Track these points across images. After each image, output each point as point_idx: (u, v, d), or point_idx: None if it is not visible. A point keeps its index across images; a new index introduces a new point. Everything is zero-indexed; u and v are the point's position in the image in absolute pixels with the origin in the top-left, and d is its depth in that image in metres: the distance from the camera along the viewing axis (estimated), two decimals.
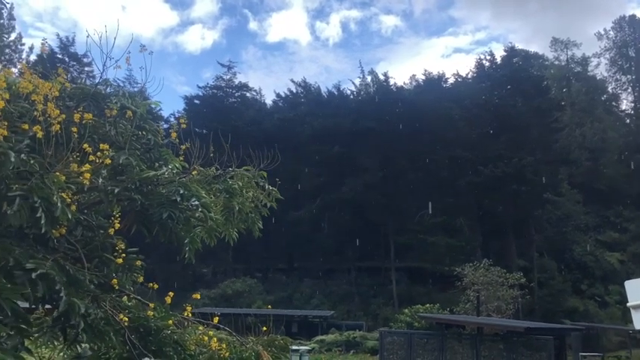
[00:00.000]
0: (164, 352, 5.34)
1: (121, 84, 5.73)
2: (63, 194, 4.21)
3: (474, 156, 54.76)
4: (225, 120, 58.65)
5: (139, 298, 5.75)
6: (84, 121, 4.39)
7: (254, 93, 76.32)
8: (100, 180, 4.64)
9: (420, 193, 56.51)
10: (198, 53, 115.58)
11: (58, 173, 4.27)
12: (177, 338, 5.50)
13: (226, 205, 5.96)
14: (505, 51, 61.97)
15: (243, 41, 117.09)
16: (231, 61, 73.66)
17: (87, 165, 4.16)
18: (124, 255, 4.74)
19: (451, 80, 64.73)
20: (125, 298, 5.65)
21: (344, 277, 59.75)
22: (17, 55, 56.81)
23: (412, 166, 57.04)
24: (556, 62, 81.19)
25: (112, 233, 4.65)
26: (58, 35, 64.05)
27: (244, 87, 73.86)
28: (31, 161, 4.14)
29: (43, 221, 3.96)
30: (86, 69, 58.79)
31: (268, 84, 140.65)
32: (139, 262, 5.06)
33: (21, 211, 3.86)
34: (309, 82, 70.71)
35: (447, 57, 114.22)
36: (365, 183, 56.31)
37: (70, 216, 4.18)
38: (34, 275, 3.76)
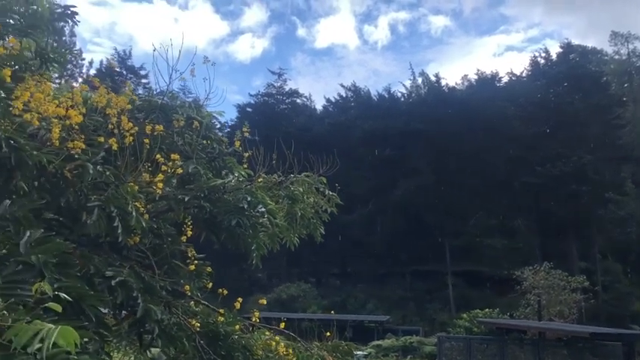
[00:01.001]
0: (233, 357, 5.41)
1: (176, 94, 5.87)
2: (137, 203, 4.35)
3: (531, 156, 53.25)
4: (276, 126, 59.30)
5: (206, 303, 5.87)
6: (155, 133, 4.52)
7: (304, 99, 76.90)
8: (168, 189, 4.77)
9: (474, 194, 55.41)
10: (248, 62, 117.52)
11: (131, 183, 4.41)
12: (245, 343, 5.56)
13: (289, 211, 6.01)
14: (561, 47, 60.07)
15: (292, 48, 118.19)
16: (282, 69, 74.59)
17: (160, 175, 4.29)
18: (196, 262, 4.84)
19: (505, 79, 63.37)
20: (192, 303, 5.78)
21: (398, 281, 59.18)
22: (78, 70, 59.27)
23: (466, 168, 56.00)
24: (616, 57, 77.90)
25: (185, 240, 4.76)
26: (115, 49, 66.58)
27: (295, 93, 74.51)
28: (107, 172, 4.29)
29: (120, 230, 4.09)
30: (142, 81, 60.78)
31: (317, 89, 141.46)
32: (208, 269, 5.16)
33: (99, 220, 4.00)
34: (359, 86, 70.71)
35: (499, 56, 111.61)
36: (418, 185, 55.70)
37: (144, 224, 4.31)
38: (113, 282, 3.89)
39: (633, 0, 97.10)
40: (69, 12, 5.82)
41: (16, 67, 4.21)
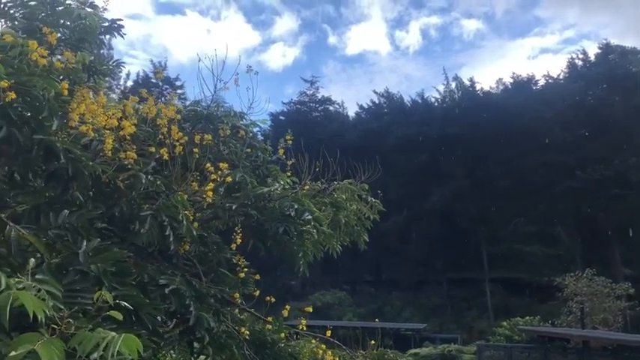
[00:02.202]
0: None
1: (221, 103, 5.93)
2: (186, 212, 4.39)
3: (570, 160, 52.00)
4: (309, 134, 59.33)
5: (251, 311, 5.89)
6: (204, 142, 4.57)
7: (337, 106, 76.96)
8: (210, 198, 4.80)
9: (512, 200, 54.35)
10: (280, 70, 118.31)
11: (181, 192, 4.46)
12: (292, 351, 5.55)
13: (333, 218, 6.00)
14: (599, 48, 58.62)
15: (323, 56, 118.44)
16: (314, 76, 74.90)
17: (210, 184, 4.33)
18: (245, 269, 4.86)
19: (541, 82, 62.13)
20: (237, 311, 5.80)
21: (435, 288, 58.42)
22: (115, 82, 60.68)
23: (503, 173, 55.05)
24: None
25: (235, 248, 4.79)
26: (151, 61, 67.91)
27: (327, 101, 74.69)
28: (158, 182, 4.35)
29: (171, 239, 4.14)
30: (178, 92, 61.79)
31: (349, 96, 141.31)
32: (257, 276, 5.17)
33: (152, 229, 4.06)
34: (392, 92, 70.41)
35: (534, 58, 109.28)
36: (453, 191, 54.99)
37: (194, 233, 4.35)
38: (167, 290, 3.93)
39: None
40: (115, 25, 5.96)
41: (70, 80, 4.32)
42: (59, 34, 5.00)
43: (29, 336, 2.56)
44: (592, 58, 58.42)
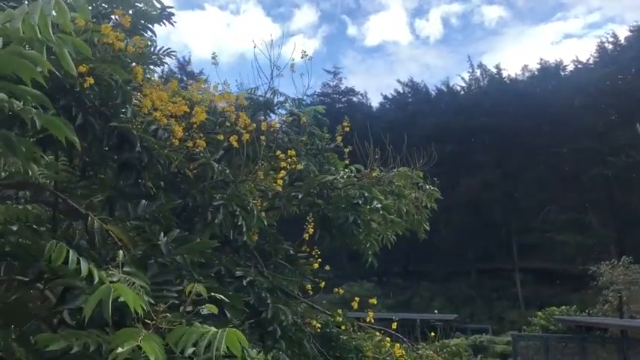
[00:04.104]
0: (347, 359, 5.25)
1: (277, 90, 5.76)
2: (255, 201, 4.24)
3: (602, 146, 50.86)
4: (333, 125, 59.07)
5: (309, 303, 5.73)
6: (271, 129, 4.41)
7: (360, 97, 76.47)
8: (280, 186, 4.64)
9: (542, 189, 53.45)
10: (301, 62, 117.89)
11: (249, 181, 4.31)
12: (357, 345, 5.39)
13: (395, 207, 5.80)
14: (630, 31, 57.09)
15: (343, 47, 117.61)
16: (336, 67, 74.50)
17: (282, 172, 4.16)
18: (319, 260, 4.70)
19: (570, 67, 60.79)
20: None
21: (464, 279, 57.85)
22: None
23: (533, 161, 54.10)
24: None
25: (307, 239, 4.63)
26: (175, 56, 68.05)
27: (351, 91, 74.27)
28: (226, 170, 4.20)
29: (244, 229, 3.99)
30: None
31: (369, 87, 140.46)
32: (327, 267, 5.01)
33: (225, 219, 3.91)
34: (416, 81, 69.68)
35: (558, 44, 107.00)
36: (482, 181, 54.27)
37: (265, 223, 4.20)
38: (244, 282, 3.79)
39: None
40: (166, 13, 5.82)
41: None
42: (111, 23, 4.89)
43: (128, 331, 2.43)
44: (622, 41, 56.91)
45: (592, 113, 53.59)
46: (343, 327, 5.48)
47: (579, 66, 60.35)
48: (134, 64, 3.90)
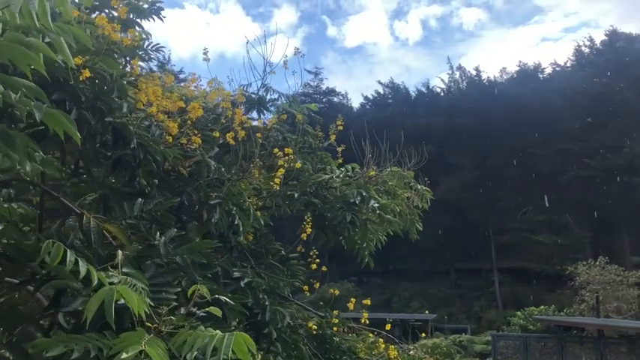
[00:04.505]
0: None
1: (270, 87, 5.64)
2: (251, 200, 4.14)
3: (579, 148, 51.67)
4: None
5: (301, 304, 5.64)
6: (268, 126, 4.31)
7: (341, 97, 76.52)
8: (278, 185, 4.54)
9: (520, 189, 54.09)
10: (280, 62, 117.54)
11: (245, 180, 4.21)
12: (350, 346, 5.32)
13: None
14: (606, 35, 58.12)
15: (323, 47, 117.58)
16: (317, 67, 74.39)
17: (281, 170, 4.06)
18: (317, 260, 4.61)
19: (548, 70, 61.66)
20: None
21: (443, 279, 58.26)
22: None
23: (511, 162, 54.69)
24: None
25: (305, 238, 4.53)
26: (155, 55, 67.30)
27: (332, 92, 74.29)
28: (222, 168, 4.09)
29: (241, 228, 3.89)
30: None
31: (349, 88, 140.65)
32: (324, 268, 4.92)
33: (222, 218, 3.80)
34: (397, 83, 69.97)
35: (535, 46, 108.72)
36: (462, 182, 54.70)
37: (262, 222, 4.10)
38: (242, 284, 3.68)
39: None
40: (155, 8, 5.67)
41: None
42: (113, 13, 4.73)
43: (131, 335, 2.32)
44: (599, 45, 57.89)
45: (569, 115, 54.41)
46: (335, 328, 5.40)
47: (557, 69, 61.28)
48: (125, 58, 3.77)
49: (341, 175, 4.88)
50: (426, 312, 47.44)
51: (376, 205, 4.57)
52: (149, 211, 3.20)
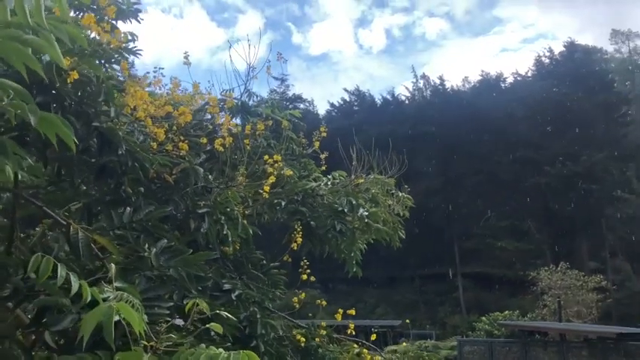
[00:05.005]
0: None
1: (253, 93, 5.52)
2: (239, 209, 4.01)
3: (539, 155, 52.93)
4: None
5: (284, 315, 5.52)
6: (257, 132, 4.19)
7: (307, 104, 76.48)
8: (267, 193, 4.41)
9: (483, 196, 55.05)
10: (245, 69, 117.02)
11: (233, 188, 4.08)
12: (334, 357, 5.23)
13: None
14: (564, 46, 59.88)
15: (288, 54, 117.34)
16: (284, 74, 74.24)
17: (271, 177, 3.93)
18: (308, 271, 4.49)
19: (510, 79, 63.13)
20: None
21: (408, 285, 58.70)
22: None
23: (474, 169, 55.65)
24: (617, 55, 77.70)
25: (296, 249, 4.41)
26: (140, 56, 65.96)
27: (298, 99, 74.10)
28: (209, 176, 3.95)
29: (230, 238, 3.76)
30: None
31: (314, 95, 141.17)
32: (312, 278, 4.81)
33: (211, 228, 3.66)
34: (362, 90, 70.44)
35: (495, 57, 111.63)
36: (425, 188, 55.29)
37: (251, 231, 3.98)
38: (233, 296, 3.55)
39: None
40: (132, 9, 5.51)
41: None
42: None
43: (129, 355, 2.17)
44: (557, 56, 59.59)
45: (529, 124, 55.75)
46: (317, 339, 5.29)
47: (518, 78, 62.84)
48: (110, 60, 3.61)
49: (329, 183, 4.78)
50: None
51: (365, 213, 4.49)
52: (139, 221, 3.04)
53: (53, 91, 2.95)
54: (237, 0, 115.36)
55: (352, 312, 5.30)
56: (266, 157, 4.05)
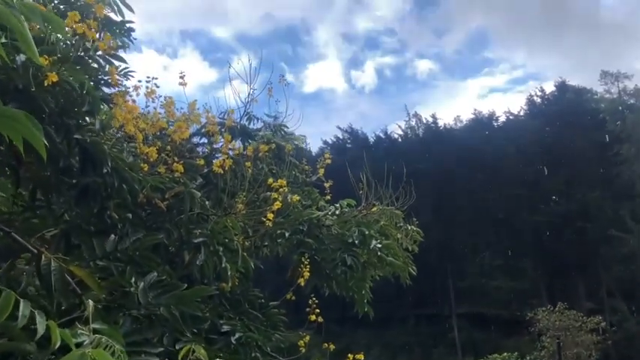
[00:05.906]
0: None
1: (253, 116, 5.16)
2: (239, 239, 3.57)
3: (533, 194, 52.84)
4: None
5: (277, 356, 5.00)
6: (260, 154, 3.78)
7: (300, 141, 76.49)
8: (271, 222, 3.98)
9: (477, 235, 54.62)
10: (237, 107, 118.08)
11: (232, 216, 3.64)
12: None
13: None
14: (555, 86, 60.62)
15: (279, 93, 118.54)
16: (277, 112, 74.46)
17: (277, 203, 3.50)
18: (317, 312, 4.02)
19: (502, 118, 63.61)
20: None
21: (401, 325, 57.49)
22: None
23: (467, 207, 55.37)
24: (607, 95, 78.81)
25: (303, 285, 3.95)
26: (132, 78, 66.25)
27: (291, 135, 74.24)
28: (206, 202, 3.52)
29: (229, 272, 3.29)
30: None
31: (306, 133, 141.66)
32: (320, 319, 4.33)
33: (208, 260, 3.21)
34: (355, 128, 70.65)
35: (484, 97, 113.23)
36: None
37: (252, 265, 3.53)
38: (233, 340, 3.07)
39: (617, 40, 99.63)
40: (126, 28, 5.19)
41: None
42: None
43: None
44: (549, 96, 60.26)
45: (522, 162, 55.85)
46: None
47: (511, 117, 63.23)
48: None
49: (337, 212, 4.35)
50: None
51: (379, 245, 4.05)
52: (125, 250, 2.59)
53: (29, 98, 2.53)
54: (230, 40, 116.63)
55: (361, 357, 4.80)
56: (270, 180, 3.63)
